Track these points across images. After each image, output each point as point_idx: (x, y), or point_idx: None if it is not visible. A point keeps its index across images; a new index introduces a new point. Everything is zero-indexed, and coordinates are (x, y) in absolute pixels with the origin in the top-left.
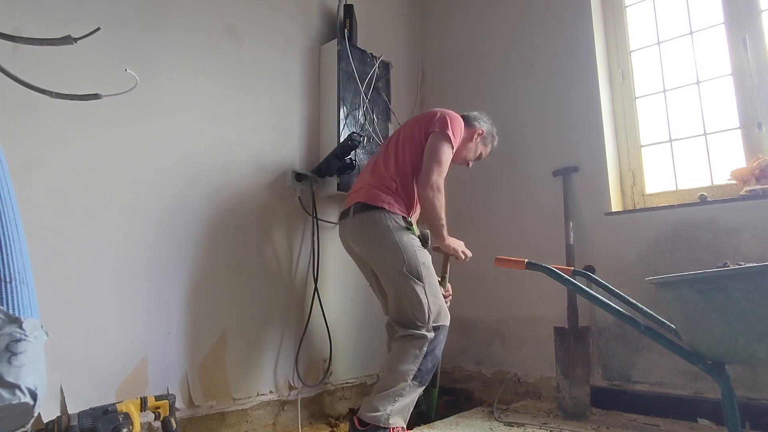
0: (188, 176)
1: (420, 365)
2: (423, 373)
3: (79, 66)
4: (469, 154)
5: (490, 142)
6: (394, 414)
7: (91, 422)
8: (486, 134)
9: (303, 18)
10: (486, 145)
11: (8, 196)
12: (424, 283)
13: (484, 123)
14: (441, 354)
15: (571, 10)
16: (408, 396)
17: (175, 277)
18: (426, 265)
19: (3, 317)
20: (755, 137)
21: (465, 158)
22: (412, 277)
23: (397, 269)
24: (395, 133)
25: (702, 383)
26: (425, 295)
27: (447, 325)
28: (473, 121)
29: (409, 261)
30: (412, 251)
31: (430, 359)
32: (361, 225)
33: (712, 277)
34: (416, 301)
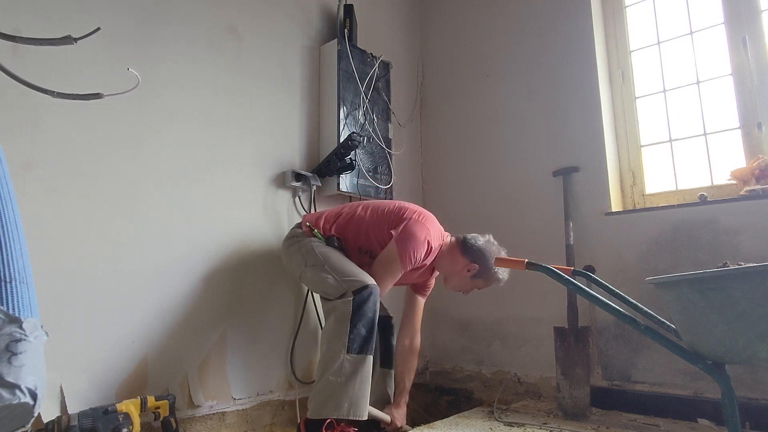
0: (188, 176)
1: (350, 333)
2: (358, 341)
3: (79, 66)
4: (461, 287)
5: (491, 278)
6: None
7: (91, 422)
8: (481, 271)
9: (303, 18)
10: (483, 278)
11: (8, 196)
12: (324, 264)
13: (482, 258)
14: (375, 317)
15: (571, 10)
16: (351, 372)
17: (175, 276)
18: (324, 253)
19: (3, 317)
20: (755, 137)
21: (455, 288)
22: (312, 266)
23: (301, 269)
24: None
25: (702, 383)
26: (327, 271)
27: (369, 284)
28: (467, 253)
29: (307, 258)
30: (309, 248)
31: (363, 324)
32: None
33: (712, 277)
34: (320, 281)
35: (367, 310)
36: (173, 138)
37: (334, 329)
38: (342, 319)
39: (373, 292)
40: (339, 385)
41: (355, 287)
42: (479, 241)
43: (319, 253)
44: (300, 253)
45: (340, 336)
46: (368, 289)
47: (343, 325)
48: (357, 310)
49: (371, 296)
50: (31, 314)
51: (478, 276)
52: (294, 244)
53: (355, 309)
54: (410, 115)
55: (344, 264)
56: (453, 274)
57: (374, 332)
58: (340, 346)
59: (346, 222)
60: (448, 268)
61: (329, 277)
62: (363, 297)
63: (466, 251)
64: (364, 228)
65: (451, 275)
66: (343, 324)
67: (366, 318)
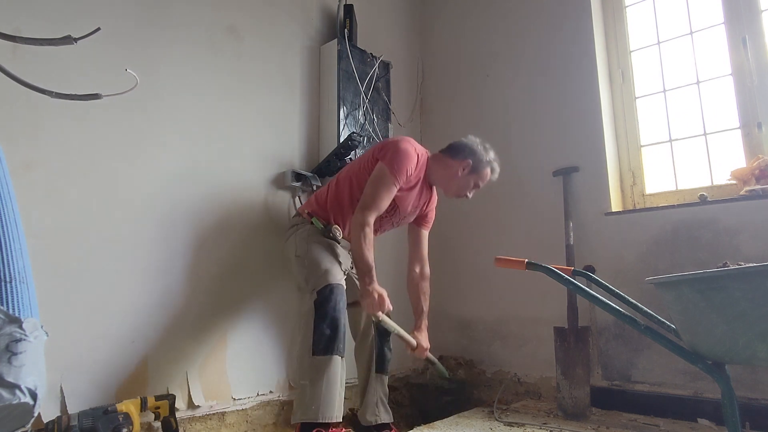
0: (188, 176)
1: (314, 335)
2: (322, 343)
3: (79, 66)
4: (461, 190)
5: (486, 167)
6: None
7: (91, 422)
8: (475, 164)
9: (303, 18)
10: (479, 173)
11: (8, 196)
12: (305, 258)
13: (472, 152)
14: (340, 315)
15: (571, 10)
16: (317, 373)
17: (176, 276)
18: (313, 243)
19: (3, 317)
20: (755, 137)
21: (456, 193)
22: (299, 257)
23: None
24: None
25: (702, 383)
26: (304, 267)
27: (331, 284)
28: (457, 154)
29: (299, 245)
30: (303, 236)
31: (326, 325)
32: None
33: (712, 277)
34: (299, 277)
35: (329, 309)
36: (173, 138)
37: (302, 332)
38: (307, 320)
39: (335, 291)
40: (306, 388)
41: (318, 286)
42: (463, 140)
43: (307, 244)
44: (294, 241)
45: (306, 338)
46: (329, 287)
47: (308, 327)
48: (318, 309)
49: (332, 295)
50: (31, 314)
51: (473, 171)
52: (292, 234)
53: (317, 309)
54: (410, 115)
55: (320, 260)
56: (450, 179)
57: (340, 331)
58: (306, 349)
59: (334, 194)
60: (444, 176)
61: (303, 272)
62: (324, 296)
63: (455, 153)
64: (347, 184)
65: (449, 180)
66: (307, 326)
67: (328, 317)
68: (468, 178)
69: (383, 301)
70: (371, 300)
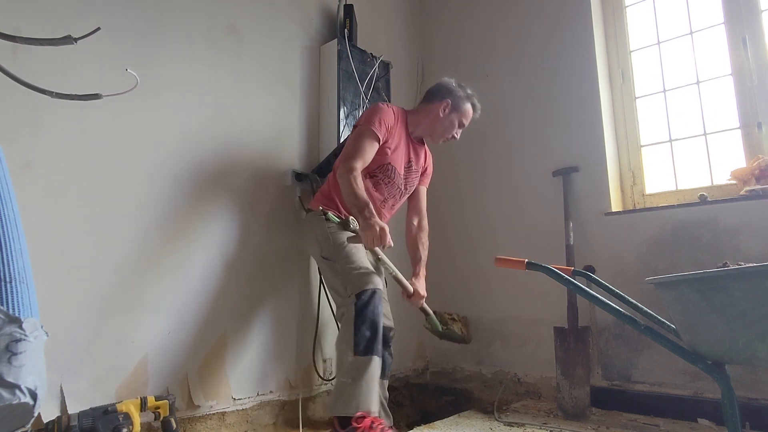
0: (188, 177)
1: (355, 336)
2: (363, 344)
3: (79, 66)
4: (447, 131)
5: (465, 103)
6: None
7: (91, 422)
8: (454, 102)
9: (303, 18)
10: (460, 110)
11: (8, 196)
12: (336, 261)
13: (450, 92)
14: (379, 319)
15: (571, 10)
16: (358, 372)
17: (176, 276)
18: (339, 243)
19: (3, 317)
20: (755, 137)
21: (443, 135)
22: (327, 259)
23: (318, 258)
24: None
25: (702, 383)
26: (338, 272)
27: (372, 289)
28: (435, 96)
29: (323, 246)
30: (325, 235)
31: (366, 327)
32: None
33: (712, 277)
34: (332, 280)
35: (368, 313)
36: (173, 138)
37: (342, 332)
38: (348, 322)
39: (375, 294)
40: (347, 385)
41: (357, 290)
42: (437, 83)
43: (333, 245)
44: (316, 239)
45: (347, 339)
46: (367, 292)
47: (348, 328)
48: (359, 313)
49: (372, 299)
50: (31, 314)
51: (454, 109)
52: (310, 232)
53: (357, 312)
54: None
55: (353, 261)
56: (433, 123)
57: (378, 332)
58: (347, 348)
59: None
60: (427, 123)
61: (339, 278)
62: (364, 300)
63: (432, 96)
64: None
65: (432, 125)
66: (348, 327)
67: (368, 320)
68: (451, 118)
69: (384, 235)
70: (372, 233)
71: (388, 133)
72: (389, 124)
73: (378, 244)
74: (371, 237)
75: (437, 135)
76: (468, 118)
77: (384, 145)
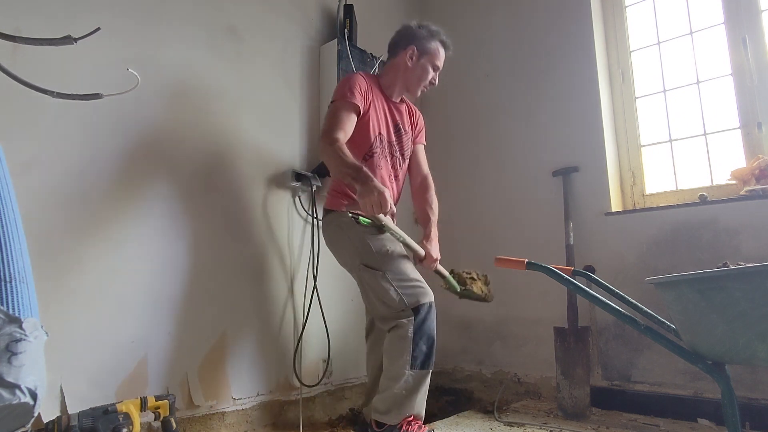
0: (188, 176)
1: (413, 351)
2: (420, 358)
3: (79, 66)
4: (421, 79)
5: (431, 42)
6: (403, 408)
7: (91, 422)
8: (420, 46)
9: (303, 18)
10: (428, 52)
11: (8, 196)
12: (383, 270)
13: (412, 36)
14: (434, 332)
15: (571, 10)
16: (415, 387)
17: (176, 276)
18: (382, 252)
19: (3, 317)
20: (755, 137)
21: (419, 84)
22: (369, 268)
23: (356, 265)
24: None
25: (702, 383)
26: (388, 282)
27: (427, 302)
28: (398, 47)
29: (362, 253)
30: (363, 243)
31: (423, 342)
32: (323, 231)
33: (712, 277)
34: (381, 291)
35: (427, 329)
36: (173, 138)
37: (397, 345)
38: (404, 335)
39: (431, 309)
40: (404, 397)
41: (414, 304)
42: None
43: (377, 253)
44: (352, 245)
45: (403, 353)
46: (425, 306)
47: (405, 341)
48: (418, 329)
49: (429, 314)
50: (31, 314)
51: (422, 53)
52: (341, 234)
53: (416, 329)
54: None
55: (404, 272)
56: (405, 75)
57: (434, 346)
58: (403, 362)
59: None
60: (398, 77)
61: (390, 288)
62: (422, 316)
63: (396, 47)
64: None
65: (405, 77)
66: (405, 341)
67: (426, 335)
68: (421, 64)
69: (385, 200)
70: (371, 198)
71: (364, 99)
72: (363, 89)
73: (379, 210)
74: (370, 203)
75: (413, 86)
76: (440, 58)
77: (365, 114)
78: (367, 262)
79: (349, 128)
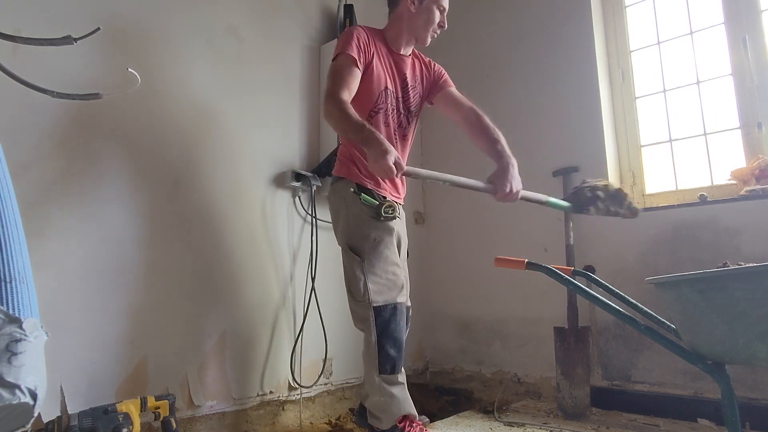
0: (188, 176)
1: (379, 356)
2: (389, 364)
3: (79, 66)
4: (429, 23)
5: None
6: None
7: (91, 422)
8: None
9: (303, 18)
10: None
11: (8, 196)
12: (362, 258)
13: None
14: (402, 335)
15: (570, 10)
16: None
17: (175, 276)
18: (367, 237)
19: (3, 317)
20: (755, 137)
21: (428, 29)
22: (351, 251)
23: (343, 241)
24: None
25: (702, 383)
26: (362, 271)
27: (391, 304)
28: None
29: (351, 233)
30: (355, 222)
31: (390, 345)
32: (329, 199)
33: (712, 277)
34: (353, 278)
35: (392, 330)
36: (172, 138)
37: (366, 352)
38: (369, 341)
39: (396, 310)
40: (386, 404)
41: (378, 302)
42: None
43: (361, 236)
44: (346, 221)
45: (372, 359)
46: (388, 307)
47: (371, 347)
48: (383, 332)
49: (393, 315)
50: (31, 314)
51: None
52: (341, 205)
53: (380, 331)
54: None
55: (379, 263)
56: (411, 23)
57: (402, 347)
58: (373, 369)
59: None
60: (405, 27)
61: (361, 278)
62: (385, 317)
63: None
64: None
65: (411, 26)
66: (370, 347)
67: (392, 338)
68: (425, 7)
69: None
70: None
71: (366, 52)
72: (364, 42)
73: (391, 174)
74: (381, 168)
75: (422, 33)
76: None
77: (368, 67)
78: (352, 243)
79: (354, 85)
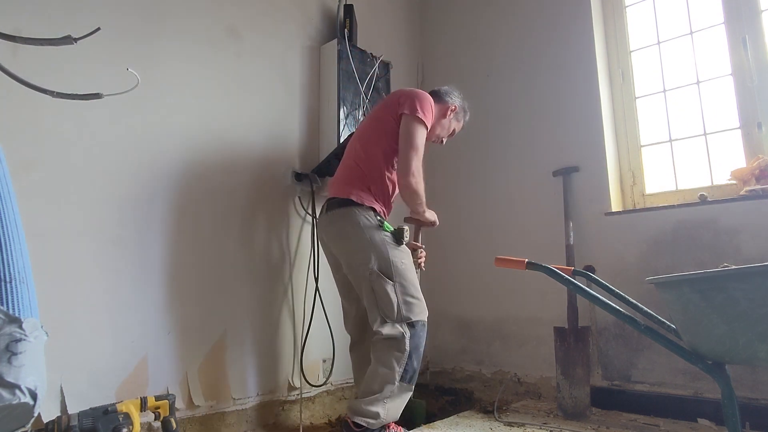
0: (189, 177)
1: (406, 365)
2: (410, 373)
3: (79, 66)
4: (443, 132)
5: (463, 117)
6: (385, 416)
7: (91, 422)
8: (458, 109)
9: (303, 18)
10: (459, 120)
11: (8, 196)
12: (394, 281)
13: (456, 98)
14: (423, 350)
15: (571, 10)
16: (398, 397)
17: (175, 276)
18: (396, 264)
19: (3, 317)
20: (755, 137)
21: (438, 136)
22: (382, 275)
23: (368, 267)
24: (363, 121)
25: (702, 383)
26: (395, 293)
27: (422, 320)
28: (444, 97)
29: (379, 259)
30: (383, 249)
31: (415, 358)
32: (334, 222)
33: (712, 277)
34: (386, 299)
35: (420, 346)
36: (173, 138)
37: (393, 355)
38: (402, 348)
39: (424, 328)
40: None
41: (412, 319)
42: (444, 87)
43: (393, 262)
44: (372, 248)
45: (397, 364)
46: (420, 323)
47: (401, 354)
48: (415, 346)
49: (422, 331)
50: (31, 314)
51: (456, 117)
52: (359, 232)
53: (413, 345)
54: None
55: (411, 287)
56: (438, 118)
57: (420, 363)
58: (395, 373)
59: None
60: (437, 116)
61: (395, 300)
62: (417, 331)
63: (444, 95)
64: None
65: (439, 119)
66: (401, 354)
67: (418, 353)
68: (451, 122)
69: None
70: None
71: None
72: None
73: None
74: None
75: (433, 133)
76: (459, 128)
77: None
78: (381, 269)
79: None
